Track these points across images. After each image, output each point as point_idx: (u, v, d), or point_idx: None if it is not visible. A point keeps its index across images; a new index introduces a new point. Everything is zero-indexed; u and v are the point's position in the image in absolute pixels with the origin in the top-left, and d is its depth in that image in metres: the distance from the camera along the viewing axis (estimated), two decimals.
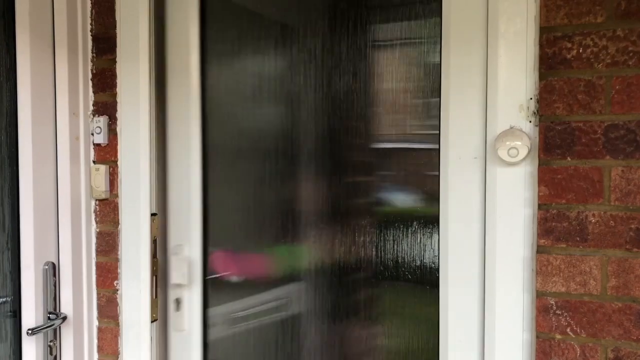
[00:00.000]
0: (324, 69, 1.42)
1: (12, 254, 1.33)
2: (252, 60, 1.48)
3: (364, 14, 1.38)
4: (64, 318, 1.39)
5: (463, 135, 1.25)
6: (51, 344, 1.38)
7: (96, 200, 1.45)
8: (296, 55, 1.44)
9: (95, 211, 1.46)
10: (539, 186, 1.11)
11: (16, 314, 1.34)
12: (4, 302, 1.33)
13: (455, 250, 1.22)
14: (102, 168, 1.42)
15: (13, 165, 1.31)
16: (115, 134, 1.42)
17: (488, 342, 1.14)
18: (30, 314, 1.34)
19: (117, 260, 1.44)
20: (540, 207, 1.11)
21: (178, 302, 1.47)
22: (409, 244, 1.40)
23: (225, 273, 1.57)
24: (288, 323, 1.49)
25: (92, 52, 1.43)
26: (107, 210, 1.44)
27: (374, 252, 1.44)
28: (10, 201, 1.32)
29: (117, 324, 1.45)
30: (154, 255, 1.43)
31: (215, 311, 1.51)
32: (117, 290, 1.45)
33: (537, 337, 1.12)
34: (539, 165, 1.11)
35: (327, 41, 1.42)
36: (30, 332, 1.31)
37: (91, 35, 1.43)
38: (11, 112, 1.31)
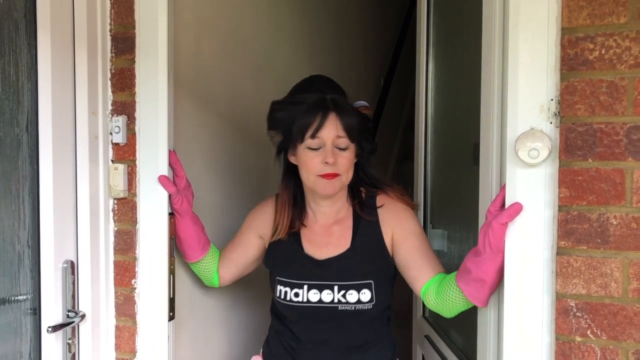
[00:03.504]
0: None
1: (33, 252, 1.34)
2: None
3: None
4: (83, 316, 1.40)
5: (483, 136, 1.25)
6: (70, 341, 1.39)
7: (114, 199, 1.46)
8: None
9: (113, 210, 1.47)
10: (559, 188, 1.11)
11: (36, 311, 1.35)
12: (25, 300, 1.34)
13: None
14: (121, 167, 1.43)
15: (34, 164, 1.32)
16: (134, 134, 1.43)
17: (507, 344, 1.14)
18: (50, 312, 1.35)
19: (134, 259, 1.45)
20: (560, 208, 1.11)
21: None
22: None
23: None
24: None
25: (112, 52, 1.44)
26: (125, 209, 1.45)
27: None
28: (30, 200, 1.33)
29: (135, 323, 1.46)
30: (171, 254, 1.44)
31: None
32: (135, 288, 1.45)
33: (557, 339, 1.12)
34: (560, 166, 1.11)
35: None
36: (50, 329, 1.32)
37: (110, 35, 1.44)
38: (32, 111, 1.32)
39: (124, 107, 1.44)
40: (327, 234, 1.41)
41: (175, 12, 1.45)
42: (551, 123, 1.11)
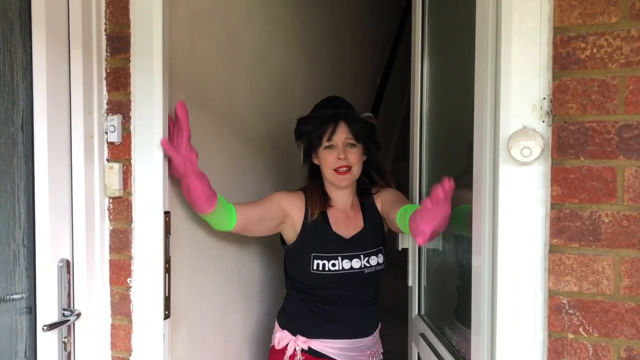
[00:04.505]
0: None
1: (28, 251, 1.34)
2: None
3: None
4: (78, 315, 1.40)
5: (476, 135, 1.26)
6: (65, 340, 1.39)
7: (110, 198, 1.47)
8: None
9: (109, 209, 1.47)
10: (552, 186, 1.12)
11: (31, 310, 1.36)
12: (20, 299, 1.34)
13: None
14: (116, 166, 1.43)
15: (29, 163, 1.33)
16: (129, 133, 1.43)
17: (500, 341, 1.15)
18: (46, 311, 1.35)
19: (130, 257, 1.45)
20: (553, 206, 1.12)
21: None
22: None
23: None
24: None
25: (107, 51, 1.44)
26: (121, 208, 1.46)
27: None
28: (26, 199, 1.33)
29: (130, 321, 1.46)
30: (166, 253, 1.44)
31: None
32: (130, 287, 1.46)
33: (550, 336, 1.13)
34: (552, 165, 1.11)
35: None
36: (46, 328, 1.32)
37: (105, 34, 1.44)
38: (27, 110, 1.32)
39: (119, 106, 1.44)
40: (347, 217, 1.83)
41: (171, 12, 1.45)
42: (543, 122, 1.12)
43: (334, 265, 1.75)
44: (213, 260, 1.79)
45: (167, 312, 1.44)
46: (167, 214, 1.43)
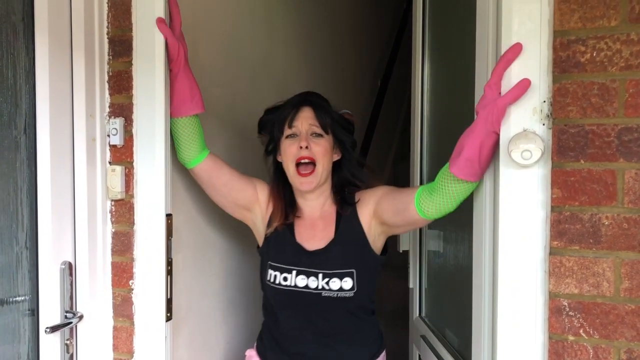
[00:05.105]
0: None
1: (31, 254, 1.35)
2: None
3: None
4: (81, 317, 1.41)
5: None
6: (68, 342, 1.40)
7: (112, 200, 1.47)
8: None
9: (111, 211, 1.48)
10: (552, 188, 1.12)
11: (34, 312, 1.36)
12: (23, 301, 1.35)
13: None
14: (118, 169, 1.44)
15: (32, 166, 1.33)
16: (131, 136, 1.44)
17: (500, 343, 1.15)
18: (48, 313, 1.36)
19: (132, 260, 1.46)
20: (553, 209, 1.12)
21: None
22: None
23: None
24: None
25: (109, 55, 1.45)
26: (123, 210, 1.46)
27: None
28: (28, 201, 1.34)
29: (132, 323, 1.47)
30: (168, 255, 1.44)
31: None
32: (132, 289, 1.46)
33: (550, 338, 1.13)
34: (552, 167, 1.12)
35: None
36: (48, 330, 1.33)
37: (108, 38, 1.45)
38: (30, 113, 1.33)
39: (122, 109, 1.45)
40: (313, 226, 1.51)
41: None
42: (544, 124, 1.12)
43: (285, 279, 1.46)
44: (215, 263, 1.80)
45: (169, 314, 1.45)
46: (169, 216, 1.44)
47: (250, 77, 2.04)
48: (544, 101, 1.12)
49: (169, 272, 1.45)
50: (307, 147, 1.41)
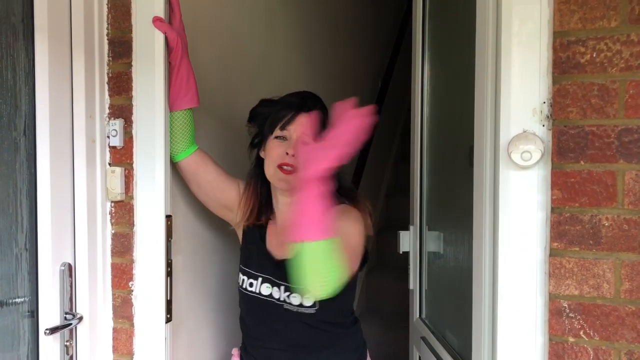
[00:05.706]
0: None
1: (30, 255, 1.35)
2: None
3: None
4: (80, 318, 1.41)
5: (477, 139, 1.26)
6: (67, 343, 1.40)
7: (112, 202, 1.47)
8: None
9: (110, 213, 1.48)
10: (552, 190, 1.12)
11: (34, 314, 1.36)
12: (23, 302, 1.35)
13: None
14: (118, 170, 1.44)
15: (31, 167, 1.33)
16: (131, 137, 1.44)
17: (501, 344, 1.15)
18: (48, 314, 1.36)
19: (132, 261, 1.46)
20: (553, 210, 1.12)
21: None
22: None
23: None
24: None
25: (109, 56, 1.45)
26: (123, 211, 1.46)
27: None
28: (28, 203, 1.34)
29: (132, 325, 1.47)
30: (168, 257, 1.44)
31: None
32: (132, 291, 1.46)
33: (550, 340, 1.13)
34: (552, 169, 1.12)
35: None
36: (48, 331, 1.32)
37: (107, 39, 1.45)
38: (29, 115, 1.33)
39: (121, 110, 1.45)
40: (284, 234, 1.43)
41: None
42: (543, 126, 1.12)
43: (251, 284, 1.44)
44: (215, 264, 1.80)
45: (168, 316, 1.45)
46: (168, 217, 1.44)
47: (250, 77, 2.04)
48: (544, 102, 1.12)
49: (169, 274, 1.45)
50: (293, 155, 1.36)
